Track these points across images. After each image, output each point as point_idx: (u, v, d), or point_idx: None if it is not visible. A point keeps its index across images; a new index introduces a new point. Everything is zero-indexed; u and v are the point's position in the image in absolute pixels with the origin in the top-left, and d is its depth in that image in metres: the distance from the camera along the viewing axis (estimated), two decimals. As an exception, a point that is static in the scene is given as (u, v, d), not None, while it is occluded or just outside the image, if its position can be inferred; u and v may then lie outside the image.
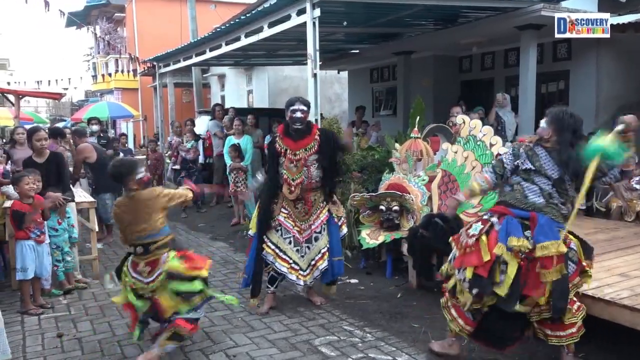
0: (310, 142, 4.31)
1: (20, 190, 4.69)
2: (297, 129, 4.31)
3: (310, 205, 4.41)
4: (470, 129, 5.91)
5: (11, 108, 13.58)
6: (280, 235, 4.39)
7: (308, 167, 4.32)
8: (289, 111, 4.30)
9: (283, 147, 4.35)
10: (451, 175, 5.74)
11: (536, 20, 7.13)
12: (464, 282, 3.19)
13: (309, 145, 4.30)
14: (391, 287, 5.09)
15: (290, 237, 4.40)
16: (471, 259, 3.15)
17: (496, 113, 7.74)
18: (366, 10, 7.22)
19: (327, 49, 9.92)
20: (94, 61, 26.05)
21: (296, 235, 4.41)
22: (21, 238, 4.61)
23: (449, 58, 11.03)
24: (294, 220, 4.42)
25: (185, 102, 20.10)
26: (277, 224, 4.40)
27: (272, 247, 4.38)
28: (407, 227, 5.20)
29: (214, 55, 9.40)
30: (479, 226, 3.25)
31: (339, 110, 14.92)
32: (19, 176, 4.75)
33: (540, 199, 3.19)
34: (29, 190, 4.67)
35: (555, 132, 3.22)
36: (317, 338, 3.91)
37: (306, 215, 4.42)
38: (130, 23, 23.13)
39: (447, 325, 3.46)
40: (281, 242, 4.39)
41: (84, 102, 29.75)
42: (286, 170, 4.33)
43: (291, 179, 4.32)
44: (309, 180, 4.34)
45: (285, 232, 4.40)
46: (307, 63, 6.15)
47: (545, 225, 3.09)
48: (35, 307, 4.60)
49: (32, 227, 4.64)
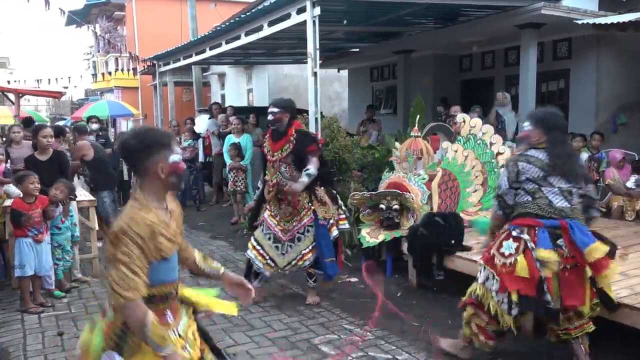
0: (286, 143, 4.36)
1: (24, 189, 4.69)
2: (273, 130, 4.43)
3: (294, 207, 4.45)
4: (470, 127, 5.93)
5: (11, 107, 13.59)
6: (261, 231, 4.55)
7: (287, 168, 4.38)
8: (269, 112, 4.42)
9: (267, 147, 4.51)
10: (451, 174, 5.75)
11: (536, 19, 7.13)
12: (502, 304, 3.10)
13: (285, 146, 4.36)
14: (391, 285, 5.08)
15: (270, 234, 4.52)
16: (515, 283, 3.03)
17: (496, 112, 7.75)
18: (366, 8, 7.22)
19: (327, 48, 9.92)
20: (94, 60, 26.07)
21: (278, 233, 4.50)
22: (19, 236, 4.63)
23: (449, 57, 11.03)
24: (278, 220, 4.52)
25: (185, 100, 20.08)
26: (261, 221, 4.59)
27: (254, 243, 4.55)
28: (407, 226, 5.19)
29: (214, 54, 9.39)
30: (511, 244, 3.11)
31: (339, 109, 14.92)
32: (24, 175, 4.75)
33: (565, 203, 3.11)
34: (34, 190, 4.68)
35: (545, 132, 3.18)
36: (317, 337, 3.91)
37: (290, 216, 4.48)
38: (130, 21, 23.10)
39: (463, 330, 3.40)
40: (261, 238, 4.54)
41: (84, 100, 29.75)
42: (267, 170, 4.49)
43: (270, 179, 4.44)
44: (286, 181, 4.36)
45: (266, 229, 4.53)
46: (307, 62, 6.15)
47: (580, 229, 3.04)
48: (35, 306, 4.60)
49: (29, 225, 4.64)
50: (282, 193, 4.40)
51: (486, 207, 5.64)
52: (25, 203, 4.68)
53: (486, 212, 5.61)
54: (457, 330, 3.63)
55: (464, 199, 5.66)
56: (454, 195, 5.66)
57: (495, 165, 5.69)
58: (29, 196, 4.70)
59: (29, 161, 5.33)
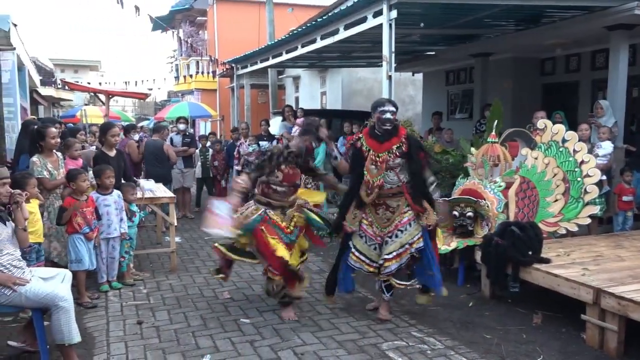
0: (396, 144, 4.12)
1: (78, 187, 4.76)
2: (385, 130, 4.13)
3: (392, 212, 4.20)
4: (553, 134, 5.67)
5: (102, 107, 14.55)
6: (365, 242, 4.27)
7: (391, 170, 4.12)
8: (378, 112, 4.15)
9: (366, 147, 4.20)
10: (530, 182, 5.52)
11: (628, 19, 6.70)
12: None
13: (395, 147, 4.11)
14: (463, 295, 4.96)
15: (375, 244, 4.26)
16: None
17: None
18: (444, 11, 7.08)
19: (402, 51, 9.83)
20: (176, 63, 27.29)
21: (379, 240, 4.25)
22: (71, 232, 4.77)
23: (530, 60, 10.60)
24: (375, 228, 4.25)
25: (260, 102, 20.60)
26: (360, 231, 4.28)
27: (357, 254, 4.28)
28: (480, 234, 5.04)
29: (290, 57, 9.57)
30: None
31: (412, 113, 14.73)
32: (76, 173, 4.84)
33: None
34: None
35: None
36: (385, 342, 3.88)
37: (388, 221, 4.21)
38: (211, 26, 24.03)
39: None
40: (365, 249, 4.27)
41: (166, 102, 31.28)
42: (367, 171, 4.16)
43: (371, 180, 4.15)
44: (390, 185, 4.14)
45: (369, 240, 4.26)
46: (382, 65, 6.12)
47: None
48: (88, 300, 4.74)
49: (83, 223, 4.75)
50: (383, 196, 4.15)
51: (567, 217, 5.37)
52: (78, 200, 4.78)
53: (567, 223, 5.35)
54: (530, 345, 3.47)
55: (543, 208, 5.42)
56: (532, 205, 5.43)
57: (579, 174, 5.40)
58: (80, 194, 4.78)
59: (99, 157, 5.60)
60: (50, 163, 5.03)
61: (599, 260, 4.58)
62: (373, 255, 4.26)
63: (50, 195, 5.03)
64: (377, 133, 4.19)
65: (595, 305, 3.73)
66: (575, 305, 3.98)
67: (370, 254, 4.26)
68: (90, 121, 14.39)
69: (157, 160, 8.17)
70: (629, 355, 3.62)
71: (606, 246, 5.11)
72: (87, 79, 36.01)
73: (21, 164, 5.60)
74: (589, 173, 5.38)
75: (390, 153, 4.10)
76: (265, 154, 4.40)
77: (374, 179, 4.13)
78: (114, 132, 5.75)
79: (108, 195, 5.09)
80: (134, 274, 5.58)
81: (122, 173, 5.72)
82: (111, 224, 5.07)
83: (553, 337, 3.99)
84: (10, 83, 8.14)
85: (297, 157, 4.37)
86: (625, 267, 4.32)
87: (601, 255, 4.76)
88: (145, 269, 5.92)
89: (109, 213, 5.05)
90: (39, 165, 4.91)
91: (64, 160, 5.36)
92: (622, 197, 6.32)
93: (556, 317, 4.34)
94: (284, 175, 4.32)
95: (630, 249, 5.02)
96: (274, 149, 4.45)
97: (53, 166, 5.04)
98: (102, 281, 5.12)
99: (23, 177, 4.26)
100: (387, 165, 4.10)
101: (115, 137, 5.75)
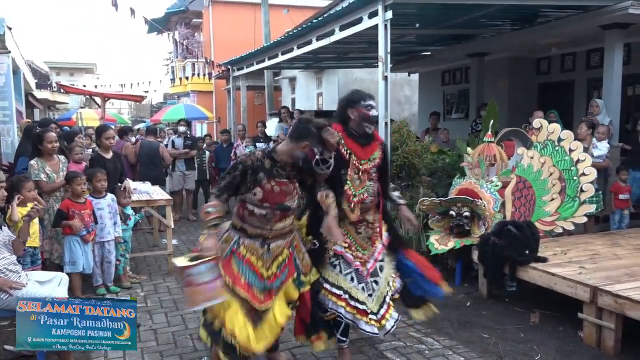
0: (376, 150, 3.40)
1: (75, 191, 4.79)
2: (366, 131, 3.36)
3: (371, 228, 3.42)
4: (548, 133, 5.69)
5: (97, 109, 14.52)
6: (339, 272, 3.32)
7: (372, 181, 3.39)
8: (361, 106, 3.30)
9: (347, 149, 3.33)
10: (526, 182, 5.54)
11: (623, 18, 6.72)
12: None
13: (375, 153, 3.40)
14: (460, 294, 4.96)
15: (351, 273, 3.32)
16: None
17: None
18: (440, 11, 7.08)
19: (398, 51, 9.83)
20: (172, 65, 27.25)
21: (360, 268, 3.34)
22: (67, 233, 4.76)
23: (525, 59, 10.62)
24: (354, 250, 3.36)
25: (256, 104, 20.58)
26: (333, 255, 3.34)
27: (329, 287, 3.30)
28: (477, 234, 5.05)
29: (286, 59, 9.56)
30: None
31: (409, 113, 14.74)
32: (72, 176, 4.88)
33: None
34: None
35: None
36: (383, 343, 3.88)
37: (370, 242, 3.41)
38: (206, 28, 23.99)
39: None
40: (341, 280, 3.30)
41: (162, 104, 31.20)
42: (350, 181, 3.32)
43: (354, 194, 3.32)
44: (371, 198, 3.39)
45: (345, 267, 3.33)
46: (378, 65, 6.12)
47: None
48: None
49: (81, 225, 4.75)
50: (363, 211, 3.36)
51: (563, 216, 5.39)
52: (76, 203, 4.80)
53: (563, 222, 5.36)
54: (528, 344, 3.48)
55: (539, 207, 5.43)
56: (529, 204, 5.44)
57: (575, 173, 5.41)
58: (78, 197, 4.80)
59: (95, 159, 5.61)
60: (50, 166, 5.04)
61: (596, 258, 4.60)
62: (352, 289, 3.28)
63: (50, 198, 5.04)
64: (355, 134, 3.36)
65: (592, 303, 3.75)
66: (572, 304, 4.00)
67: (348, 287, 3.29)
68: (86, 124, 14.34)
69: (152, 163, 8.15)
70: (626, 353, 3.63)
71: (603, 244, 5.13)
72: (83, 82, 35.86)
73: (19, 166, 5.65)
74: (585, 172, 5.40)
75: (370, 161, 3.36)
76: (237, 167, 3.07)
77: (357, 192, 3.33)
78: (108, 134, 5.75)
79: (101, 198, 5.08)
80: (131, 276, 5.56)
81: (119, 175, 5.72)
82: (104, 228, 5.06)
83: (550, 336, 4.00)
84: (6, 86, 8.12)
85: (290, 169, 3.15)
86: (622, 265, 4.34)
87: (598, 253, 4.78)
88: (143, 271, 5.92)
89: (102, 217, 5.04)
90: (36, 168, 4.93)
91: (67, 163, 5.37)
92: (618, 196, 6.34)
93: (553, 315, 4.35)
94: (265, 193, 3.05)
95: (627, 247, 5.04)
96: (247, 159, 3.10)
97: (52, 169, 5.05)
98: (97, 284, 5.10)
99: (19, 180, 4.25)
100: (370, 176, 3.37)
101: (110, 140, 5.75)
